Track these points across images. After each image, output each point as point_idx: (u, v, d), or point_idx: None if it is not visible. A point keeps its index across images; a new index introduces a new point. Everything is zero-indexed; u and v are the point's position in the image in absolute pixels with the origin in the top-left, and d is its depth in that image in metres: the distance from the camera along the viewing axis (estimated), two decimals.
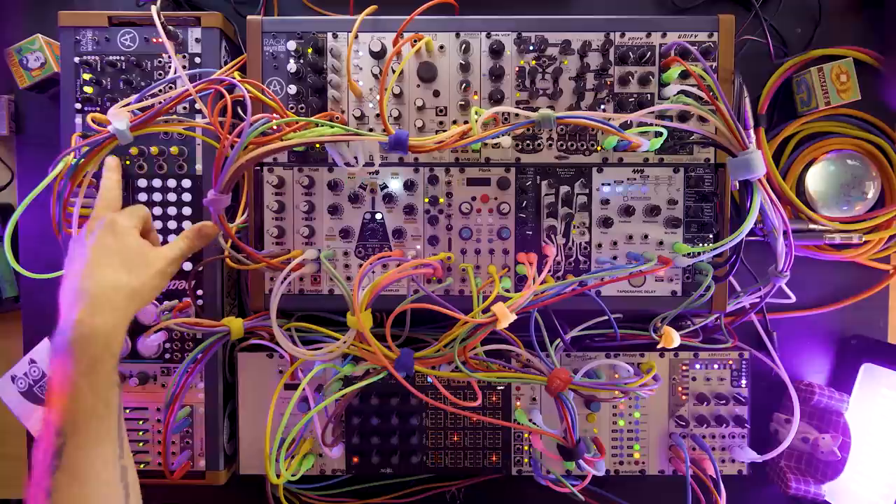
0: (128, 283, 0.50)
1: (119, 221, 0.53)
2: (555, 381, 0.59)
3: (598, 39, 0.68)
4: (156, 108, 0.59)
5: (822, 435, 0.76)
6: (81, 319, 0.46)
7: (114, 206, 0.57)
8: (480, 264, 0.70)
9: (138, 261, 0.52)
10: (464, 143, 0.57)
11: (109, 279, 0.49)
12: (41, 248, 0.80)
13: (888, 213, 0.79)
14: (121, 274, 0.50)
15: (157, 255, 0.54)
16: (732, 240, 0.58)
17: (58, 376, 0.45)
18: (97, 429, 0.45)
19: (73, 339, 0.45)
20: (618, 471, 0.74)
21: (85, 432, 0.44)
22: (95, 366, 0.45)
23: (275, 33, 0.69)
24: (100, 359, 0.46)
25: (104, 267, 0.50)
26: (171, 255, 0.56)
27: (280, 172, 0.70)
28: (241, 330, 0.66)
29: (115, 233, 0.52)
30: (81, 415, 0.44)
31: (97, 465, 0.45)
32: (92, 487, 0.44)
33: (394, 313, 0.58)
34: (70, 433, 0.44)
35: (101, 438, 0.45)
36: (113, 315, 0.47)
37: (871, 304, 0.84)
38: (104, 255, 0.51)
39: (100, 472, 0.45)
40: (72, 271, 0.50)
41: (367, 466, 0.73)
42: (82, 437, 0.44)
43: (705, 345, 0.74)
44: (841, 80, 0.77)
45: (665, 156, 0.69)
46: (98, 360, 0.46)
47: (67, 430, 0.44)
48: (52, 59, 0.75)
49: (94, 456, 0.45)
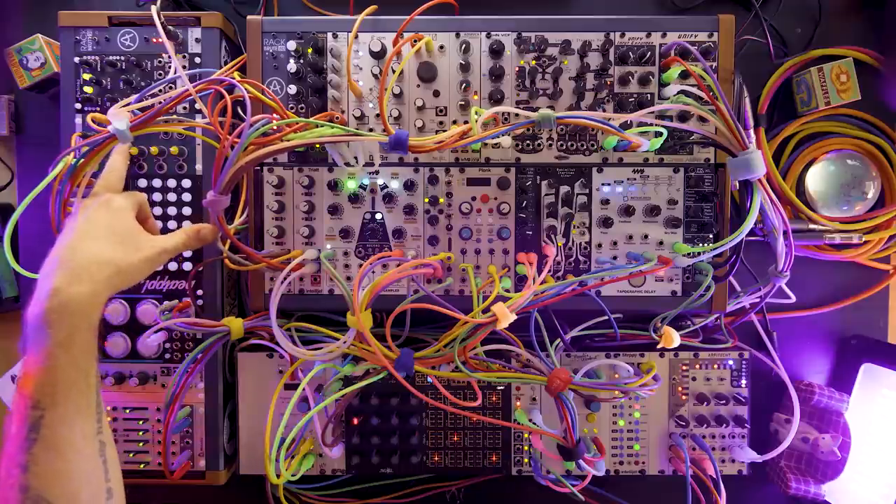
0: (112, 259, 0.48)
1: (116, 200, 0.53)
2: (555, 381, 0.59)
3: (598, 39, 0.68)
4: (156, 108, 0.59)
5: (822, 435, 0.76)
6: (58, 288, 0.44)
7: (114, 188, 0.56)
8: (480, 264, 0.70)
9: (128, 241, 0.51)
10: (464, 143, 0.57)
11: (93, 251, 0.48)
12: (41, 248, 0.78)
13: (888, 213, 0.79)
14: (106, 249, 0.49)
15: (150, 242, 0.53)
16: (732, 240, 0.58)
17: (34, 347, 0.43)
18: (76, 401, 0.44)
19: (50, 309, 0.43)
20: (618, 471, 0.74)
21: (64, 405, 0.43)
22: (73, 336, 0.44)
23: (275, 33, 0.69)
24: (77, 329, 0.44)
25: (91, 239, 0.49)
26: (164, 246, 0.55)
27: (280, 172, 0.70)
28: (241, 330, 0.66)
29: (109, 209, 0.52)
30: (60, 386, 0.43)
31: (76, 439, 0.43)
32: (71, 461, 0.43)
33: (394, 313, 0.58)
34: (49, 405, 0.42)
35: (80, 411, 0.44)
36: (91, 285, 0.46)
37: (871, 304, 0.84)
38: (93, 229, 0.50)
39: (79, 446, 0.44)
40: (55, 247, 0.48)
41: (367, 466, 0.73)
42: (61, 409, 0.43)
43: (705, 345, 0.74)
44: (841, 80, 0.77)
45: (665, 156, 0.69)
46: (76, 329, 0.44)
47: (46, 402, 0.42)
48: (52, 59, 0.75)
49: (73, 429, 0.43)
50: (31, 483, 0.41)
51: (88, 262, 0.47)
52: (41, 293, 0.44)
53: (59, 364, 0.43)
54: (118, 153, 0.59)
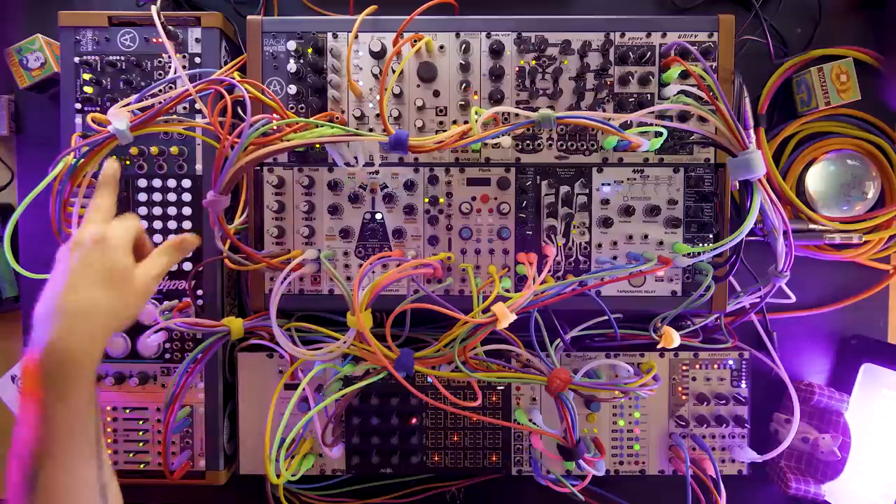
0: (108, 305, 0.47)
1: (111, 238, 0.50)
2: (555, 381, 0.59)
3: (598, 39, 0.68)
4: (156, 108, 0.59)
5: (822, 435, 0.76)
6: (54, 341, 0.43)
7: (107, 217, 0.52)
8: (480, 264, 0.70)
9: (122, 282, 0.49)
10: (464, 143, 0.57)
11: (89, 299, 0.46)
12: (41, 248, 0.80)
13: (888, 213, 0.79)
14: (101, 295, 0.47)
15: (142, 276, 0.51)
16: (732, 240, 0.58)
17: (29, 400, 0.42)
18: (72, 451, 0.43)
19: (46, 362, 0.43)
20: (618, 471, 0.74)
21: (61, 455, 0.43)
22: (69, 390, 0.43)
23: (275, 33, 0.69)
24: (74, 382, 0.44)
25: (85, 285, 0.47)
26: (154, 274, 0.53)
27: (280, 172, 0.70)
28: (241, 330, 0.66)
29: (103, 250, 0.49)
30: (56, 437, 0.43)
31: (77, 487, 0.43)
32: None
33: (394, 313, 0.58)
34: (45, 456, 0.42)
35: (80, 458, 0.44)
36: (89, 334, 0.45)
37: (871, 304, 0.84)
38: (87, 273, 0.47)
39: (80, 493, 0.44)
40: (49, 289, 0.47)
41: (367, 466, 0.73)
42: (59, 458, 0.43)
43: (705, 345, 0.74)
44: (841, 80, 0.77)
45: (665, 156, 0.69)
46: (72, 382, 0.43)
47: (42, 453, 0.42)
48: (52, 59, 0.75)
49: (73, 476, 0.43)
50: None
51: (85, 311, 0.46)
52: (37, 346, 0.43)
53: (56, 416, 0.43)
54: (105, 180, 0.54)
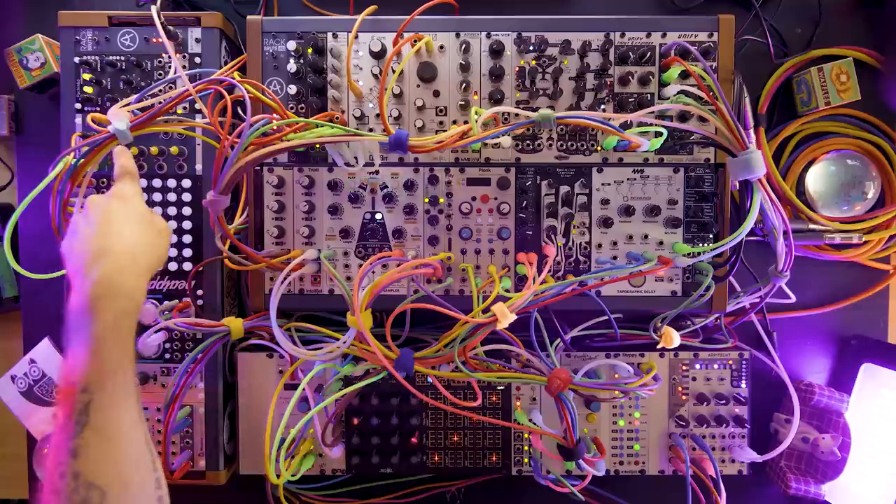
0: (146, 244, 0.52)
1: (125, 189, 0.55)
2: (555, 381, 0.59)
3: (598, 39, 0.68)
4: (156, 108, 0.59)
5: (822, 435, 0.76)
6: (107, 275, 0.46)
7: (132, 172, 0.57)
8: (480, 264, 0.70)
9: (150, 225, 0.54)
10: (464, 143, 0.57)
11: (130, 238, 0.50)
12: (41, 249, 0.80)
13: (888, 213, 0.79)
14: (138, 235, 0.52)
15: (161, 220, 0.57)
16: (732, 240, 0.58)
17: (79, 336, 0.44)
18: (123, 385, 0.44)
19: (98, 295, 0.45)
20: (618, 471, 0.74)
21: (112, 387, 0.43)
22: (120, 320, 0.45)
23: (275, 33, 0.69)
24: (125, 312, 0.46)
25: (123, 228, 0.51)
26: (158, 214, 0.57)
27: (280, 172, 0.70)
28: (241, 330, 0.66)
29: (124, 199, 0.54)
30: (108, 369, 0.43)
31: (125, 423, 0.43)
32: (122, 446, 0.42)
33: (394, 313, 0.58)
34: (97, 389, 0.42)
35: (127, 395, 0.44)
36: (135, 272, 0.49)
37: (871, 304, 0.84)
38: (120, 218, 0.52)
39: (128, 430, 0.43)
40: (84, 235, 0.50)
41: (367, 466, 0.73)
42: (109, 391, 0.43)
43: (705, 345, 0.74)
44: (841, 80, 0.77)
45: (665, 156, 0.69)
46: (123, 313, 0.46)
47: (94, 386, 0.42)
48: (52, 59, 0.75)
49: (121, 413, 0.43)
50: (82, 469, 0.40)
51: (129, 250, 0.49)
52: (87, 281, 0.45)
53: (106, 347, 0.44)
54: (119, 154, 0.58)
